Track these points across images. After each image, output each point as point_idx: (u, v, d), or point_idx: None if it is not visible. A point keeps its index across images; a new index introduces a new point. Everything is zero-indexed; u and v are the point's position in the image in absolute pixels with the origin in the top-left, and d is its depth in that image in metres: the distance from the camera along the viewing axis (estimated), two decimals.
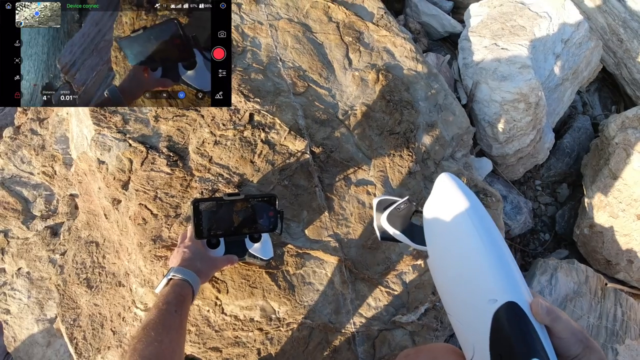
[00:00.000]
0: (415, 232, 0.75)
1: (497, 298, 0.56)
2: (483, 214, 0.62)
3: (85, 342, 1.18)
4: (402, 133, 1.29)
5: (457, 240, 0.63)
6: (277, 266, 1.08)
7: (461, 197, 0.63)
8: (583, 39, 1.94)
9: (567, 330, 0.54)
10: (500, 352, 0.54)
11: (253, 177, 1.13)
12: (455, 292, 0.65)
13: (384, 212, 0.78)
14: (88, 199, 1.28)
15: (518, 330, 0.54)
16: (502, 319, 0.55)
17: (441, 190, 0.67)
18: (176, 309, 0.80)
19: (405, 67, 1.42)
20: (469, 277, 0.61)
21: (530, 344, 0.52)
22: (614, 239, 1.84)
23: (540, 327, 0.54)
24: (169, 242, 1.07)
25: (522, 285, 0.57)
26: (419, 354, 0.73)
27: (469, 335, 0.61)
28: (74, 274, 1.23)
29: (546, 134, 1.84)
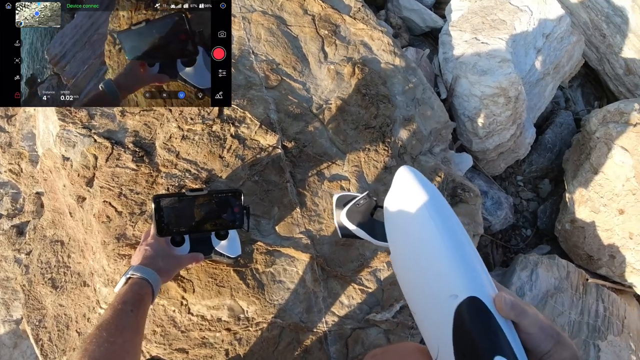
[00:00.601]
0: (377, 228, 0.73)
1: (457, 293, 0.53)
2: (442, 208, 0.59)
3: (51, 344, 1.15)
4: (378, 127, 1.27)
5: (416, 235, 0.60)
6: (245, 264, 1.05)
7: (419, 190, 0.60)
8: (565, 33, 1.93)
9: (534, 325, 0.51)
10: (464, 350, 0.52)
11: (222, 172, 1.10)
12: (417, 290, 0.62)
13: (344, 209, 0.75)
14: (53, 197, 1.24)
15: (480, 327, 0.51)
16: (463, 315, 0.52)
17: (400, 184, 0.64)
18: (132, 308, 0.76)
19: (383, 60, 1.39)
20: (429, 273, 0.58)
21: (494, 341, 0.50)
22: (595, 234, 1.83)
23: (506, 322, 0.51)
24: (133, 241, 1.03)
25: (484, 280, 0.54)
26: (385, 354, 0.71)
27: (433, 333, 0.59)
28: (39, 274, 1.19)
29: (527, 129, 1.83)
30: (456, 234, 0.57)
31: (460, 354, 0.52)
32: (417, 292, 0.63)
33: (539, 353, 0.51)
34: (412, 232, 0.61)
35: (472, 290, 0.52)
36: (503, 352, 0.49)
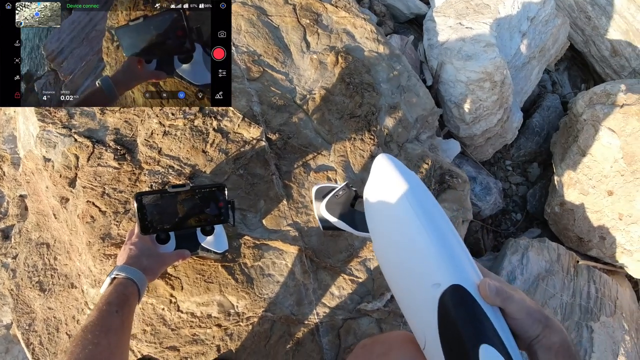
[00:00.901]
0: (357, 219, 0.72)
1: (440, 282, 0.52)
2: (422, 196, 0.58)
3: (42, 347, 1.14)
4: (363, 116, 1.26)
5: (396, 225, 0.60)
6: (233, 259, 1.04)
7: (398, 179, 0.59)
8: (549, 16, 1.93)
9: (521, 310, 0.50)
10: (450, 339, 0.51)
11: (206, 167, 1.08)
12: (401, 280, 0.62)
13: (323, 201, 0.74)
14: (37, 199, 1.22)
15: (465, 315, 0.50)
16: (447, 304, 0.51)
17: (378, 173, 0.63)
18: (117, 309, 0.75)
19: (366, 48, 1.38)
20: (411, 263, 0.57)
21: (479, 329, 0.49)
22: (585, 216, 1.84)
23: (492, 309, 0.51)
24: (118, 240, 1.02)
25: (468, 267, 0.54)
26: (374, 344, 0.71)
27: (418, 323, 0.58)
28: (26, 278, 1.18)
29: (514, 113, 1.83)
30: (436, 222, 0.56)
31: (446, 344, 0.52)
32: (400, 282, 0.62)
33: (527, 338, 0.51)
34: (393, 222, 0.61)
35: (455, 278, 0.52)
36: (489, 339, 0.48)
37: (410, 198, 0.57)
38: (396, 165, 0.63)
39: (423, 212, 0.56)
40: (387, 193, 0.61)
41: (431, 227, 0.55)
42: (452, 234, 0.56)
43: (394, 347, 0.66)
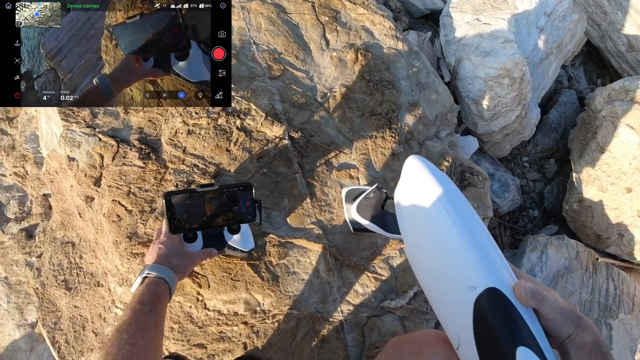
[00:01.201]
0: (389, 221, 0.72)
1: (476, 285, 0.53)
2: (457, 199, 0.58)
3: (68, 346, 1.15)
4: (383, 114, 1.25)
5: (431, 229, 0.60)
6: (259, 257, 1.05)
7: (433, 182, 0.59)
8: (566, 11, 1.91)
9: (555, 311, 0.51)
10: (485, 341, 0.52)
11: (230, 166, 1.09)
12: (435, 282, 0.62)
13: (354, 203, 0.74)
14: (61, 198, 1.23)
15: (501, 318, 0.51)
16: (483, 307, 0.52)
17: (411, 175, 0.64)
18: (151, 308, 0.76)
19: (385, 45, 1.37)
20: (446, 266, 0.58)
21: (515, 332, 0.50)
22: (603, 213, 1.83)
23: (526, 311, 0.51)
24: (145, 239, 1.03)
25: (503, 269, 0.54)
26: (406, 342, 0.70)
27: (453, 325, 0.59)
28: (51, 277, 1.19)
29: (532, 109, 1.82)
30: (471, 225, 0.56)
31: (482, 345, 0.52)
32: (434, 284, 0.63)
33: (560, 337, 0.51)
34: (427, 225, 0.61)
35: (491, 281, 0.52)
36: (525, 342, 0.49)
37: (445, 202, 0.58)
38: (428, 167, 0.63)
39: (458, 215, 0.56)
40: (420, 196, 0.61)
41: (466, 230, 0.55)
42: (486, 237, 0.56)
43: (426, 346, 0.66)
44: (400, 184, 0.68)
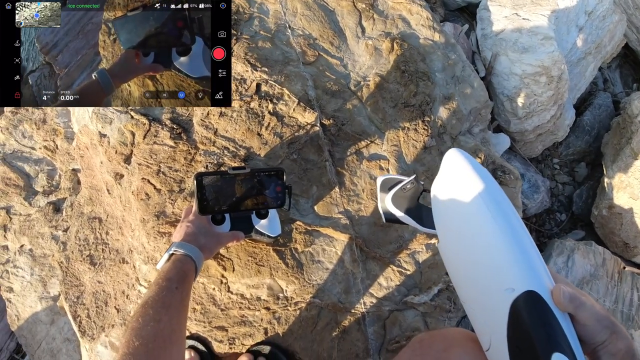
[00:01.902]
0: (424, 214, 0.69)
1: (514, 287, 0.51)
2: (499, 196, 0.56)
3: (89, 320, 1.16)
4: (417, 105, 1.22)
5: (470, 226, 0.58)
6: (285, 243, 1.04)
7: (474, 177, 0.57)
8: (607, 11, 1.84)
9: (592, 317, 0.50)
10: (519, 345, 0.50)
11: (260, 150, 1.07)
12: (469, 280, 0.60)
13: (389, 193, 0.72)
14: (90, 174, 1.24)
15: (538, 322, 0.49)
16: (520, 310, 0.50)
17: (451, 169, 0.61)
18: (177, 285, 0.76)
19: (422, 36, 1.34)
20: (483, 265, 0.56)
21: (552, 337, 0.48)
22: (633, 221, 1.77)
23: (562, 315, 0.50)
24: (172, 218, 1.02)
25: (542, 272, 0.52)
26: (434, 339, 0.69)
27: (485, 325, 0.57)
28: (76, 251, 1.20)
29: (567, 110, 1.76)
30: (513, 225, 0.54)
31: (516, 349, 0.51)
32: (469, 282, 0.61)
33: (594, 344, 0.51)
34: (466, 222, 0.59)
35: (530, 284, 0.51)
36: (561, 348, 0.48)
37: (486, 198, 0.55)
38: (470, 161, 0.60)
39: (500, 213, 0.54)
40: (460, 191, 0.59)
41: (508, 229, 0.54)
42: (527, 238, 0.55)
43: (455, 344, 0.65)
44: (439, 177, 0.65)
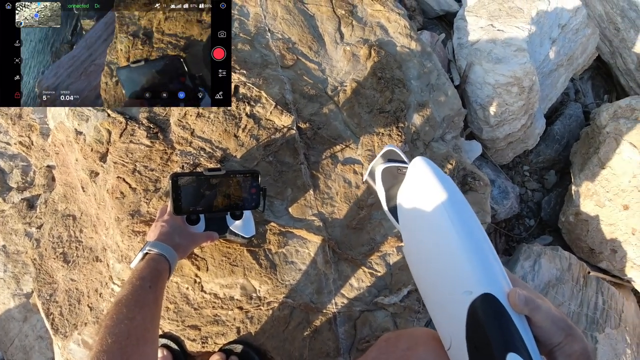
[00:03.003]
0: (394, 204, 0.72)
1: (472, 290, 0.54)
2: (461, 205, 0.60)
3: (62, 318, 1.16)
4: (392, 112, 1.26)
5: (433, 232, 0.61)
6: (259, 244, 1.06)
7: (438, 186, 0.61)
8: (580, 25, 1.91)
9: (547, 319, 0.52)
10: (477, 345, 0.53)
11: (236, 152, 1.09)
12: (431, 283, 0.64)
13: (385, 164, 0.75)
14: (65, 171, 1.24)
15: (494, 323, 0.52)
16: (477, 311, 0.53)
17: (416, 177, 0.65)
18: (151, 284, 0.77)
19: (399, 43, 1.38)
20: (444, 269, 0.60)
21: (507, 338, 0.51)
22: (598, 227, 1.85)
23: (519, 317, 0.53)
24: (147, 217, 1.03)
25: (500, 276, 0.56)
26: (399, 338, 0.72)
27: (445, 326, 0.61)
28: (50, 248, 1.20)
29: (537, 119, 1.82)
30: (473, 232, 0.58)
31: (474, 349, 0.54)
32: (430, 285, 0.64)
33: (550, 345, 0.53)
34: (429, 229, 0.62)
35: (487, 287, 0.54)
36: (516, 348, 0.50)
37: (448, 207, 0.59)
38: (434, 170, 0.64)
39: (460, 221, 0.58)
40: (424, 198, 0.63)
41: (467, 236, 0.57)
42: (486, 243, 0.58)
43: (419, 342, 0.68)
44: (405, 184, 0.69)
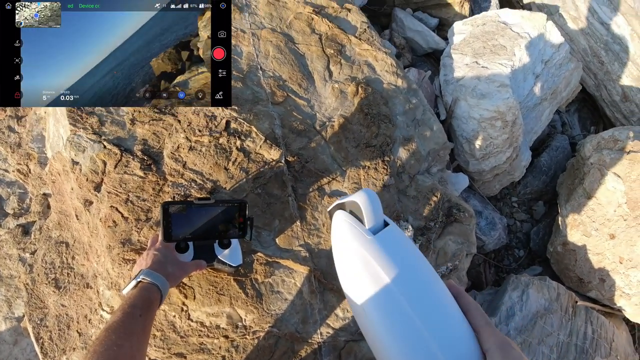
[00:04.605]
0: None
1: None
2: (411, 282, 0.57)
3: (52, 343, 1.17)
4: (378, 146, 1.31)
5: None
6: (245, 274, 1.09)
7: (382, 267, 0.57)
8: (563, 60, 1.99)
9: None
10: None
11: (226, 184, 1.13)
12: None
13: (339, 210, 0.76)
14: (60, 199, 1.28)
15: None
16: None
17: (338, 236, 0.66)
18: (141, 313, 0.79)
19: (385, 81, 1.44)
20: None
21: None
22: (586, 257, 1.87)
23: None
24: (137, 246, 1.06)
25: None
26: None
27: None
28: (42, 274, 1.22)
29: (523, 152, 1.88)
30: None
31: None
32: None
33: None
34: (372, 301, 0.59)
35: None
36: None
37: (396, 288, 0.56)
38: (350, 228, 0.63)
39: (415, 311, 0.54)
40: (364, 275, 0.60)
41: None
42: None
43: None
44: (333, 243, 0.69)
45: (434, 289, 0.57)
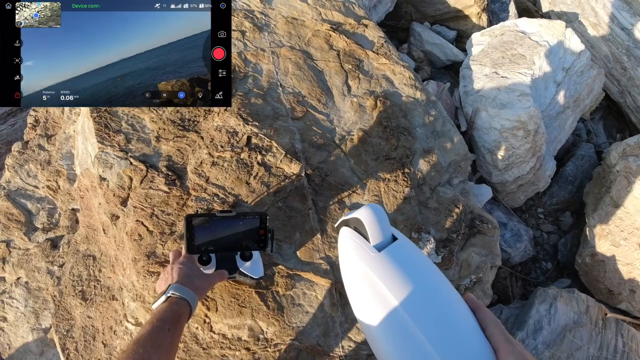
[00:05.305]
0: None
1: None
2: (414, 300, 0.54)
3: (77, 354, 1.20)
4: (398, 158, 1.31)
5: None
6: (267, 286, 1.10)
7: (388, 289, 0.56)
8: (585, 67, 1.96)
9: None
10: None
11: (248, 197, 1.15)
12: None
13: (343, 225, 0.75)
14: (88, 214, 1.32)
15: None
16: None
17: (342, 254, 0.66)
18: (170, 327, 0.80)
19: (404, 94, 1.45)
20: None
21: None
22: (615, 268, 1.81)
23: None
24: (162, 259, 1.09)
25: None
26: None
27: None
28: (70, 286, 1.26)
29: (547, 161, 1.85)
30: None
31: None
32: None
33: None
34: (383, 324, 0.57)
35: None
36: None
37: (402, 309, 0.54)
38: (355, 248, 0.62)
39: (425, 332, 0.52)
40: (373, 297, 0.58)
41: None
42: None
43: None
44: (339, 253, 0.68)
45: (448, 305, 0.55)
